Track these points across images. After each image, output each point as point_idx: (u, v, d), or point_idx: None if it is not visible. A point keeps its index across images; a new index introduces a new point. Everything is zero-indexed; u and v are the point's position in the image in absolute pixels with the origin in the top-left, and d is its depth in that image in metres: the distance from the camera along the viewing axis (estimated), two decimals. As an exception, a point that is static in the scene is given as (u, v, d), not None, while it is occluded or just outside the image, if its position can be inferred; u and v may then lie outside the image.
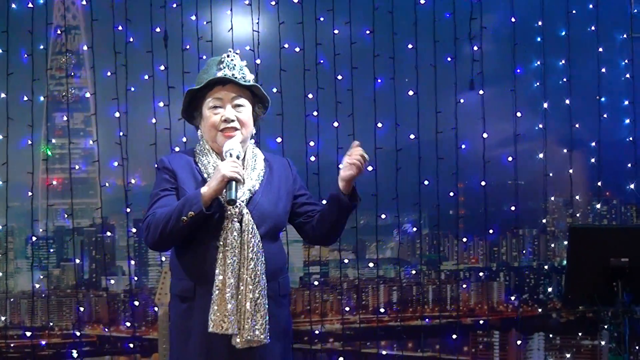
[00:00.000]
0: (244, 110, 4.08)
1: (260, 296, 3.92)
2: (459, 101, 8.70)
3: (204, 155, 4.09)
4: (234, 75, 4.04)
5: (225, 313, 3.88)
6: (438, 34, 8.71)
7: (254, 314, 3.91)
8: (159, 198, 4.03)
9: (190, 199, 3.87)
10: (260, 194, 4.06)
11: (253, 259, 3.92)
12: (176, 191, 4.04)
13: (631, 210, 9.98)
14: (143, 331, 9.07)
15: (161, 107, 8.44)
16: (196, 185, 4.00)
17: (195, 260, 3.99)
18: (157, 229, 3.92)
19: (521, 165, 8.82)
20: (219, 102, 4.05)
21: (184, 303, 4.03)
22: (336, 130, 8.62)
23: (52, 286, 9.73)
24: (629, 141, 8.87)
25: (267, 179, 4.12)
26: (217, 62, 4.08)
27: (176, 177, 4.06)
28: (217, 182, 3.86)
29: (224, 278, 3.89)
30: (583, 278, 5.35)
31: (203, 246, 3.97)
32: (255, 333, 3.91)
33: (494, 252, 10.32)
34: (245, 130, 4.08)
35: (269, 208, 4.05)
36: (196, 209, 3.83)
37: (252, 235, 3.94)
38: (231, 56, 4.09)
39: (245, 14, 8.60)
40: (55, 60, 9.40)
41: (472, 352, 9.59)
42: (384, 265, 9.93)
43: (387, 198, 8.61)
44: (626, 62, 8.95)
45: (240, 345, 3.93)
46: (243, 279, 3.92)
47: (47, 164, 8.64)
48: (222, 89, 4.05)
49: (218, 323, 3.88)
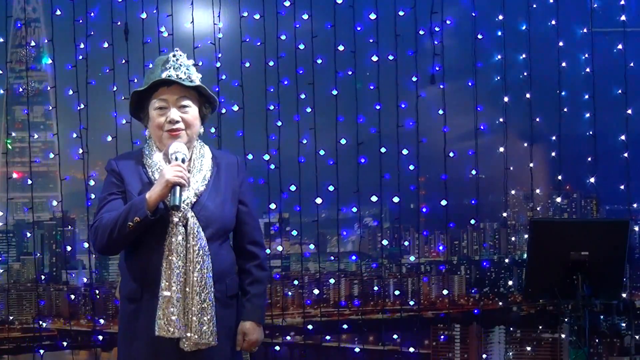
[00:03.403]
0: (190, 111, 4.05)
1: (207, 299, 3.94)
2: (420, 95, 8.71)
3: (150, 156, 4.07)
4: (179, 76, 4.00)
5: (172, 317, 3.89)
6: (399, 28, 8.73)
7: (201, 317, 3.92)
8: (106, 202, 4.03)
9: (136, 204, 3.86)
10: (207, 196, 4.05)
11: (199, 262, 3.93)
12: (123, 194, 4.03)
13: (591, 204, 10.06)
14: (104, 325, 9.02)
15: (122, 101, 8.41)
16: (142, 187, 4.00)
17: (142, 263, 3.99)
18: (105, 235, 3.92)
19: (482, 159, 8.84)
20: (164, 103, 4.02)
21: (131, 304, 4.04)
22: (297, 124, 8.63)
23: (12, 280, 9.68)
24: (589, 135, 8.89)
25: (214, 179, 4.11)
26: (163, 62, 4.04)
27: (123, 179, 4.05)
28: (161, 187, 3.86)
29: (169, 282, 3.90)
30: (543, 271, 5.40)
31: (149, 250, 3.97)
32: (202, 336, 3.93)
33: (454, 246, 10.37)
34: (190, 130, 4.05)
35: (215, 210, 4.05)
36: (141, 215, 3.83)
37: (198, 239, 3.94)
38: (177, 56, 4.04)
39: (207, 7, 8.59)
40: (15, 53, 9.35)
41: (433, 345, 9.61)
42: (345, 258, 9.95)
43: (348, 191, 8.63)
44: (586, 57, 8.97)
45: (188, 348, 3.94)
46: (189, 282, 3.92)
47: (7, 157, 8.59)
48: (167, 90, 4.01)
49: (164, 327, 3.90)
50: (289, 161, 8.55)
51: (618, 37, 8.92)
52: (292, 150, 8.56)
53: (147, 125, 4.12)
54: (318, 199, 8.61)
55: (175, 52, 4.07)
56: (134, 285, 4.01)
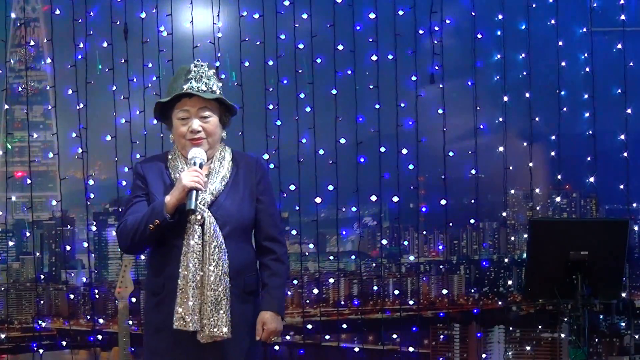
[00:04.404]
0: (211, 120, 4.25)
1: (222, 294, 4.14)
2: (420, 94, 8.71)
3: (174, 160, 4.32)
4: (200, 88, 4.20)
5: (188, 311, 4.11)
6: (398, 27, 8.73)
7: (216, 311, 4.13)
8: (132, 205, 4.30)
9: (156, 208, 4.12)
10: (225, 196, 4.25)
11: (215, 259, 4.14)
12: (147, 196, 4.29)
13: (591, 203, 10.05)
14: (103, 325, 9.02)
15: (121, 100, 8.43)
16: (165, 189, 4.24)
17: (163, 259, 4.24)
18: (129, 237, 4.20)
19: (481, 159, 8.84)
20: (186, 114, 4.23)
21: (154, 297, 4.28)
22: (297, 123, 8.64)
23: (12, 279, 9.69)
24: (588, 134, 8.90)
25: (233, 180, 4.31)
26: (185, 72, 4.24)
27: (147, 182, 4.30)
28: (179, 192, 4.09)
29: (185, 278, 4.13)
30: (543, 271, 5.41)
31: (169, 247, 4.21)
32: (216, 329, 4.13)
33: (454, 245, 10.37)
34: (211, 138, 4.26)
35: (232, 209, 4.25)
36: (160, 218, 4.09)
37: (214, 237, 4.15)
38: (198, 66, 4.24)
39: (206, 7, 8.59)
40: (15, 52, 9.35)
41: (433, 345, 9.61)
42: (344, 258, 9.94)
43: (348, 191, 8.64)
44: (586, 56, 8.98)
45: (204, 341, 4.15)
46: (205, 278, 4.14)
47: (6, 157, 8.59)
48: (189, 101, 4.22)
49: (181, 320, 4.12)
50: (289, 161, 8.57)
51: (617, 37, 8.93)
52: (292, 149, 8.58)
53: (171, 132, 4.34)
54: (317, 198, 8.61)
55: (196, 62, 4.27)
56: (156, 280, 4.27)
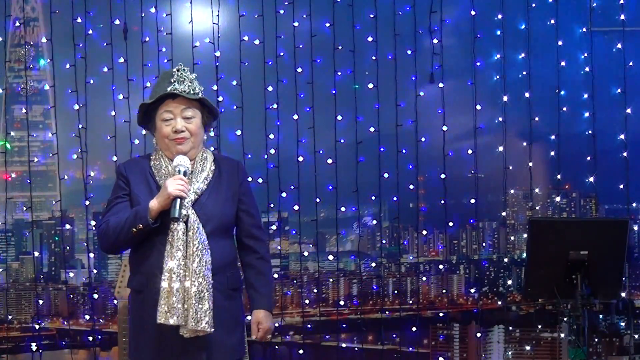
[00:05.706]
0: (194, 121, 4.39)
1: (205, 289, 4.23)
2: (419, 94, 8.72)
3: (157, 160, 4.44)
4: (183, 89, 4.34)
5: (172, 306, 4.19)
6: (398, 27, 8.73)
7: (198, 306, 4.20)
8: (113, 205, 4.40)
9: (140, 212, 4.23)
10: (207, 196, 4.38)
11: (198, 255, 4.24)
12: (129, 197, 4.39)
13: (590, 203, 10.04)
14: (102, 324, 9.03)
15: (120, 100, 8.45)
16: (148, 189, 4.36)
17: (146, 257, 4.33)
18: (110, 238, 4.32)
19: (481, 158, 8.85)
20: (170, 115, 4.36)
21: (138, 295, 4.37)
22: (296, 123, 8.65)
23: (11, 279, 9.69)
24: (588, 134, 8.91)
25: (215, 180, 4.43)
26: (169, 76, 4.38)
27: (129, 183, 4.40)
28: (164, 199, 4.21)
29: (170, 274, 4.22)
30: (542, 271, 5.40)
31: (152, 245, 4.31)
32: (199, 324, 4.20)
33: (453, 245, 10.36)
34: (194, 138, 4.40)
35: (214, 208, 4.37)
36: (144, 222, 4.21)
37: (197, 234, 4.27)
38: (181, 70, 4.38)
39: (205, 6, 8.60)
40: (14, 52, 9.35)
41: (432, 344, 9.59)
42: (344, 258, 9.93)
43: (347, 191, 8.65)
44: (585, 56, 9.00)
45: (187, 335, 4.23)
46: (188, 274, 4.23)
47: (5, 157, 8.58)
48: (173, 102, 4.35)
49: (164, 315, 4.19)
50: (288, 160, 8.57)
51: (617, 37, 8.94)
52: (291, 149, 8.58)
53: (155, 134, 4.46)
54: (317, 198, 8.61)
55: (179, 66, 4.42)
56: (139, 277, 4.35)
